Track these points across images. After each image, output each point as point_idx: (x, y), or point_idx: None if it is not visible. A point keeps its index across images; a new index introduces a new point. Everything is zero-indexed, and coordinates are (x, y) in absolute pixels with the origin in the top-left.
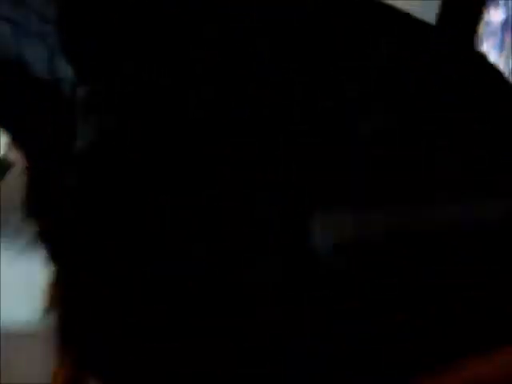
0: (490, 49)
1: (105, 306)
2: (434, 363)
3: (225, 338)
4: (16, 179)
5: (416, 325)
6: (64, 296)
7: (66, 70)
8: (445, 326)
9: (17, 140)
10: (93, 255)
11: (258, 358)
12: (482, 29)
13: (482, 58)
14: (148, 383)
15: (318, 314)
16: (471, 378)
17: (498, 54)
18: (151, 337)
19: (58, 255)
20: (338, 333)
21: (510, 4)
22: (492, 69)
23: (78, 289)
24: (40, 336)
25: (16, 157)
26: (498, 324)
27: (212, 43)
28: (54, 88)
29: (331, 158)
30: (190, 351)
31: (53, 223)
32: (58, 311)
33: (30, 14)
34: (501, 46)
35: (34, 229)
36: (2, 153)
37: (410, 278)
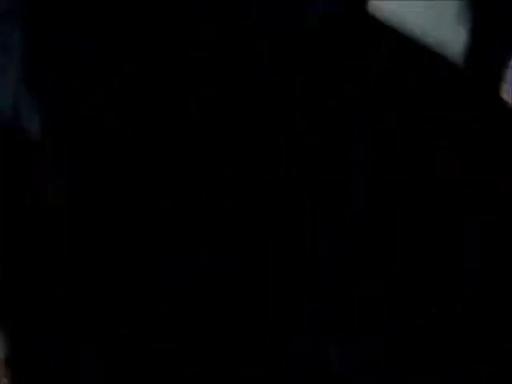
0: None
1: (102, 311)
2: (434, 363)
3: (225, 337)
4: None
5: (416, 325)
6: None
7: (30, 115)
8: (445, 325)
9: None
10: (91, 256)
11: (258, 358)
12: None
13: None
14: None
15: (318, 313)
16: None
17: None
18: (151, 337)
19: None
20: (337, 332)
21: None
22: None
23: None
24: None
25: None
26: (498, 324)
27: (212, 43)
28: (19, 133)
29: (331, 158)
30: (190, 351)
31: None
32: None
33: None
34: None
35: None
36: None
37: (410, 279)
